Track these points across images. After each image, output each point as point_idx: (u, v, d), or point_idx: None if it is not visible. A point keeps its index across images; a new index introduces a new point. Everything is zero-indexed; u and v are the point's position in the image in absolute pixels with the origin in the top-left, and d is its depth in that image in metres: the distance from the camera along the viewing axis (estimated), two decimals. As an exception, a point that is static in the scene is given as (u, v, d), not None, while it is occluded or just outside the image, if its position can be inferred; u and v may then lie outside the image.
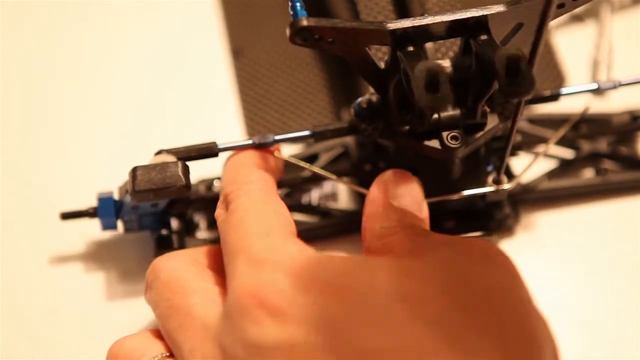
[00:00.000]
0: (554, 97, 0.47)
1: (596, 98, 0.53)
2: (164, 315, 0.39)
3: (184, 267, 0.41)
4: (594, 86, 0.47)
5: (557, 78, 0.54)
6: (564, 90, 0.47)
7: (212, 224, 0.49)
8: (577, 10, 0.43)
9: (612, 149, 0.51)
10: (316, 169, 0.47)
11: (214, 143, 0.44)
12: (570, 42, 0.56)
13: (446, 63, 0.42)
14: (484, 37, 0.40)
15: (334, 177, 0.47)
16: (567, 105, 0.50)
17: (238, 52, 0.56)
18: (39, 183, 0.52)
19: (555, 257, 0.49)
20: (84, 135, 0.54)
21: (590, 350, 0.47)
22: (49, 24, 0.58)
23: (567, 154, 0.51)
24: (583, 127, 0.51)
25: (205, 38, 0.57)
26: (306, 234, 0.48)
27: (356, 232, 0.49)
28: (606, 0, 0.57)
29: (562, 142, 0.50)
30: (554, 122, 0.50)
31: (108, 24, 0.58)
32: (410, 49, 0.40)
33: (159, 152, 0.44)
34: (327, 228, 0.49)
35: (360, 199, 0.49)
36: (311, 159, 0.49)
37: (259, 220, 0.39)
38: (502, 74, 0.36)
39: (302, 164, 0.46)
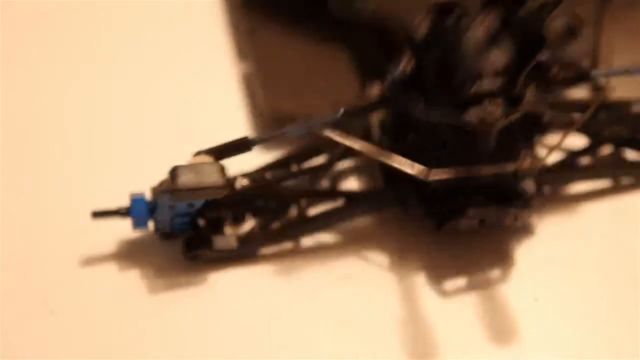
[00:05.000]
0: (587, 77, 0.47)
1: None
2: None
3: None
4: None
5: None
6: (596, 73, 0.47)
7: (237, 220, 0.48)
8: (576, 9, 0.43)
9: (633, 135, 0.51)
10: (356, 143, 0.46)
11: (247, 137, 0.44)
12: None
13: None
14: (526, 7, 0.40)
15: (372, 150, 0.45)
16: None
17: (254, 30, 0.55)
18: (66, 185, 0.50)
19: (576, 247, 0.49)
20: (115, 137, 0.53)
21: (606, 340, 0.46)
22: (76, 22, 0.57)
23: (588, 141, 0.51)
24: (603, 113, 0.51)
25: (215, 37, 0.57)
26: (333, 218, 0.48)
27: (382, 210, 0.49)
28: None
29: (584, 129, 0.50)
30: (576, 107, 0.50)
31: (130, 26, 0.57)
32: (452, 18, 0.40)
33: (198, 153, 0.44)
34: (353, 209, 0.48)
35: (385, 176, 0.48)
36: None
37: None
38: (557, 44, 0.36)
39: (341, 139, 0.45)
